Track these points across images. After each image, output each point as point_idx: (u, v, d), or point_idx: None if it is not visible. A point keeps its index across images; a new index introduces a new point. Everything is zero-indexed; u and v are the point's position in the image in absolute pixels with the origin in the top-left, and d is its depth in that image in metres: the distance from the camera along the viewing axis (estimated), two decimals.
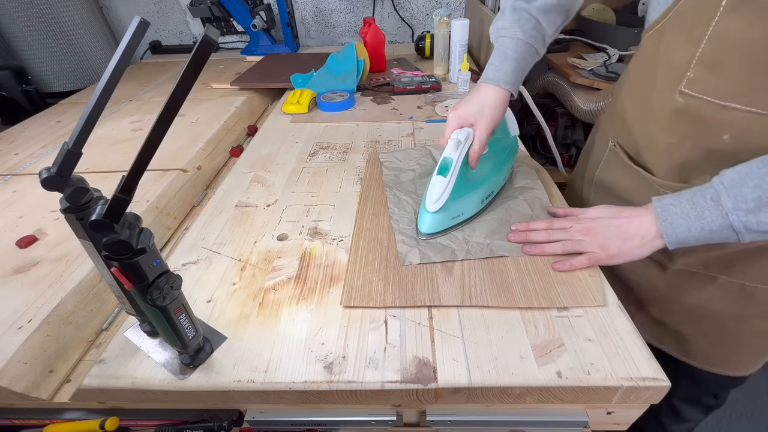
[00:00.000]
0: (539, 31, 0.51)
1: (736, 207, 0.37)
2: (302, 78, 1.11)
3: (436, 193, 0.51)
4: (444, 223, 0.54)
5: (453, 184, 0.51)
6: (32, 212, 0.63)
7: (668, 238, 0.42)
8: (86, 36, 1.33)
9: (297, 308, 0.47)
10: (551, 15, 0.51)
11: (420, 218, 0.54)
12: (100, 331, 0.50)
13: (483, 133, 0.52)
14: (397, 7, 1.52)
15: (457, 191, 0.52)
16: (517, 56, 0.51)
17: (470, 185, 0.56)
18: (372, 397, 0.40)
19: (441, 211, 0.52)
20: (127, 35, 0.28)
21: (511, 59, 0.51)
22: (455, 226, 0.55)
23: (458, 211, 0.54)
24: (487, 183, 0.58)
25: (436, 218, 0.53)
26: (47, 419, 0.45)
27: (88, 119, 0.29)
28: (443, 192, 0.51)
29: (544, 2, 0.50)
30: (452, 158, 0.51)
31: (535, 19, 0.50)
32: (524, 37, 0.51)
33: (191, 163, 0.76)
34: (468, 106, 0.53)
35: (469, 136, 0.52)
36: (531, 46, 0.52)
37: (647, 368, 0.38)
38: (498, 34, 0.53)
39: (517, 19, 0.51)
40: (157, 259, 0.32)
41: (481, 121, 0.52)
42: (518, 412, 0.43)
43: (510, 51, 0.51)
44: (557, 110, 1.42)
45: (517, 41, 0.51)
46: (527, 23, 0.51)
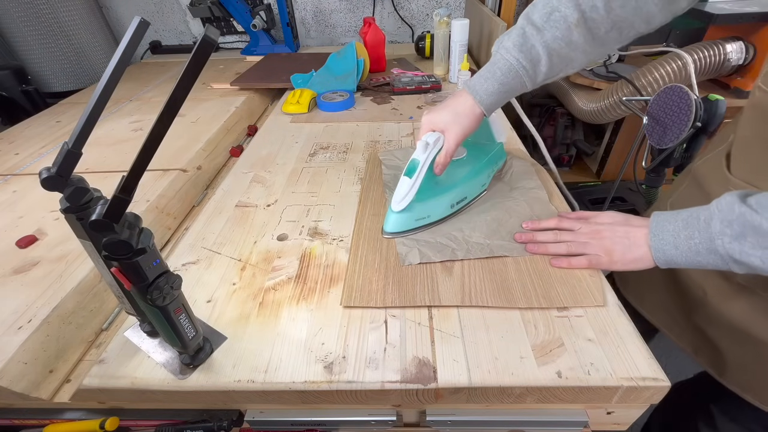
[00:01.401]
0: (534, 67, 0.49)
1: (721, 231, 0.37)
2: (302, 78, 1.11)
3: (401, 193, 0.52)
4: (407, 224, 0.54)
5: (418, 185, 0.51)
6: (32, 212, 0.63)
7: (655, 253, 0.42)
8: (86, 36, 1.33)
9: (297, 308, 0.47)
10: (555, 57, 0.48)
11: (386, 217, 0.55)
12: (100, 331, 0.50)
13: (450, 142, 0.52)
14: (397, 7, 1.52)
15: (424, 193, 0.52)
16: (504, 80, 0.50)
17: (439, 188, 0.56)
18: (372, 397, 0.40)
19: (405, 211, 0.53)
20: (127, 35, 0.28)
21: (497, 81, 0.50)
22: (420, 227, 0.55)
23: (423, 213, 0.55)
24: (459, 188, 0.58)
25: (399, 218, 0.53)
26: (47, 419, 0.45)
27: (88, 119, 0.29)
28: (408, 193, 0.51)
29: (552, 39, 0.47)
30: (419, 160, 0.51)
31: (537, 52, 0.48)
32: (517, 65, 0.49)
33: (191, 163, 0.76)
34: (442, 112, 0.53)
35: (439, 140, 0.52)
36: (520, 78, 0.49)
37: (647, 368, 0.38)
38: (498, 49, 0.51)
39: (521, 45, 0.48)
40: (157, 259, 0.32)
41: (451, 129, 0.52)
42: (518, 412, 0.43)
43: (499, 72, 0.50)
44: (557, 110, 1.42)
45: (510, 66, 0.49)
46: (528, 53, 0.48)
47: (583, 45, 0.47)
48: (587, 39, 0.47)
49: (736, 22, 0.98)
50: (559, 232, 0.52)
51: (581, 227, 0.50)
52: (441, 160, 0.53)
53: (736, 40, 0.99)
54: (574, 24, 0.46)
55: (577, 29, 0.46)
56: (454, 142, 0.52)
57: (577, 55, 0.48)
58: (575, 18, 0.45)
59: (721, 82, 1.09)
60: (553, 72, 0.50)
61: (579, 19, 0.45)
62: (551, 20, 0.46)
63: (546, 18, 0.47)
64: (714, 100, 0.64)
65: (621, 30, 0.46)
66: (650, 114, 0.73)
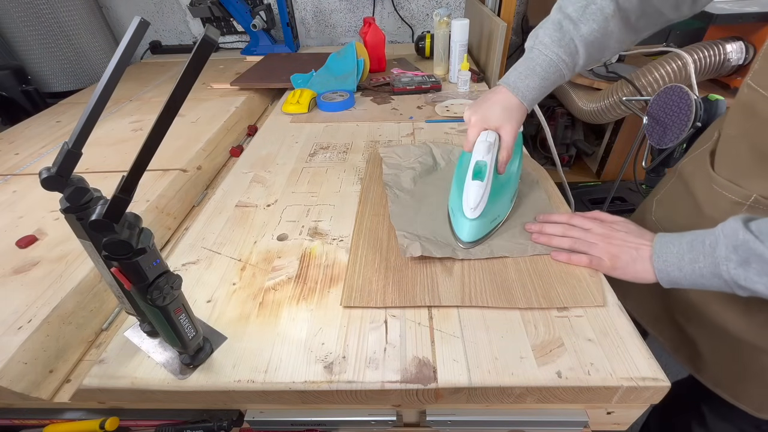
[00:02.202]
0: (573, 60, 0.49)
1: (727, 257, 0.37)
2: (302, 78, 1.11)
3: (474, 198, 0.49)
4: (485, 229, 0.52)
5: (490, 187, 0.50)
6: (32, 212, 0.63)
7: (659, 274, 0.43)
8: (86, 36, 1.33)
9: (297, 308, 0.46)
10: (591, 49, 0.49)
11: (459, 226, 0.52)
12: (100, 331, 0.50)
13: (510, 139, 0.51)
14: (397, 7, 1.52)
15: (492, 193, 0.51)
16: (545, 75, 0.50)
17: (500, 187, 0.54)
18: (372, 397, 0.40)
19: (481, 216, 0.50)
20: (127, 35, 0.28)
21: (538, 76, 0.50)
22: (493, 230, 0.54)
23: (495, 214, 0.53)
24: (513, 181, 0.57)
25: (476, 225, 0.51)
26: (47, 419, 0.45)
27: (88, 119, 0.29)
28: (482, 197, 0.49)
29: (589, 32, 0.47)
30: (486, 161, 0.49)
31: (575, 46, 0.48)
32: (557, 60, 0.49)
33: (191, 163, 0.76)
34: (492, 109, 0.51)
35: (497, 138, 0.51)
36: (560, 71, 0.50)
37: (647, 368, 0.38)
38: (535, 44, 0.51)
39: (559, 39, 0.48)
40: (157, 259, 0.32)
41: (507, 125, 0.51)
42: (518, 412, 0.43)
43: (539, 68, 0.50)
44: (557, 110, 1.42)
45: (550, 61, 0.49)
46: (567, 47, 0.48)
47: (618, 34, 0.48)
48: (621, 28, 0.48)
49: (736, 22, 0.98)
50: (568, 228, 0.52)
51: (593, 227, 0.50)
52: (504, 157, 0.52)
53: (736, 40, 0.99)
54: (611, 15, 0.46)
55: (613, 20, 0.46)
56: (512, 139, 0.51)
57: (611, 44, 0.49)
58: (611, 9, 0.46)
59: (721, 82, 1.09)
60: (590, 61, 0.50)
61: (615, 9, 0.46)
62: (588, 13, 0.47)
63: (582, 11, 0.47)
64: (714, 100, 0.64)
65: (650, 17, 0.48)
66: (650, 114, 0.73)
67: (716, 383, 0.53)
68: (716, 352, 0.52)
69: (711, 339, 0.52)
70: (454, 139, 0.81)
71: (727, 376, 0.52)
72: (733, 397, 0.51)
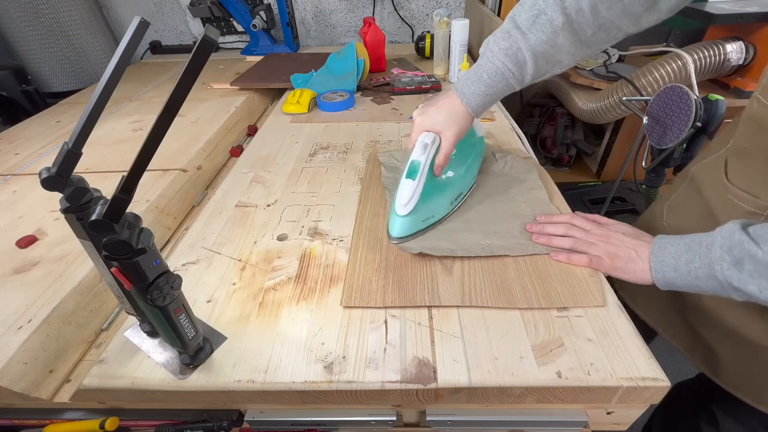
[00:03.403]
0: (521, 71, 0.49)
1: (721, 257, 0.37)
2: (302, 78, 1.11)
3: (406, 196, 0.51)
4: (415, 226, 0.53)
5: (422, 187, 0.51)
6: (32, 212, 0.63)
7: (656, 274, 0.43)
8: (86, 36, 1.33)
9: (297, 308, 0.47)
10: (540, 60, 0.48)
11: (391, 222, 0.54)
12: (100, 331, 0.50)
13: (449, 144, 0.52)
14: (397, 7, 1.52)
15: (426, 194, 0.52)
16: (490, 83, 0.50)
17: (439, 187, 0.56)
18: (372, 397, 0.40)
19: (411, 214, 0.52)
20: (127, 35, 0.28)
21: (483, 84, 0.50)
22: (426, 228, 0.55)
23: (428, 214, 0.55)
24: (456, 184, 0.59)
25: (406, 221, 0.52)
26: (47, 419, 0.45)
27: (88, 119, 0.29)
28: (412, 195, 0.51)
29: (537, 42, 0.47)
30: (420, 161, 0.51)
31: (523, 56, 0.48)
32: (503, 69, 0.49)
33: (191, 163, 0.76)
34: (437, 112, 0.53)
35: (435, 140, 0.52)
36: (507, 81, 0.50)
37: (647, 368, 0.38)
38: (485, 51, 0.51)
39: (506, 48, 0.48)
40: (157, 259, 0.32)
41: (448, 130, 0.52)
42: (518, 412, 0.43)
43: (485, 75, 0.50)
44: (557, 110, 1.42)
45: (496, 69, 0.49)
46: (514, 57, 0.48)
47: (569, 47, 0.47)
48: (573, 41, 0.47)
49: (736, 22, 0.98)
50: (569, 227, 0.52)
51: (593, 228, 0.51)
52: (440, 161, 0.53)
53: (736, 40, 0.99)
54: (560, 28, 0.45)
55: (562, 33, 0.46)
56: (451, 143, 0.52)
57: (563, 57, 0.48)
58: (561, 22, 0.45)
59: (721, 82, 1.09)
60: (539, 73, 0.50)
61: (564, 23, 0.45)
62: (537, 23, 0.46)
63: (532, 21, 0.46)
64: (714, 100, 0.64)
65: (608, 31, 0.46)
66: (650, 114, 0.73)
67: (736, 386, 0.52)
68: (735, 356, 0.51)
69: (728, 344, 0.51)
70: None
71: (746, 379, 0.51)
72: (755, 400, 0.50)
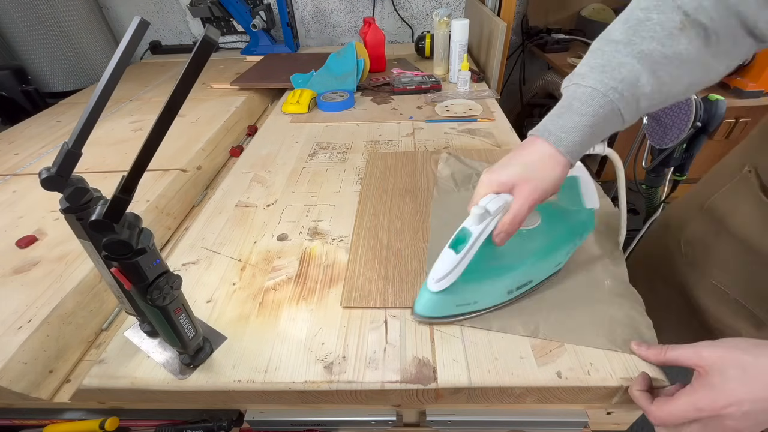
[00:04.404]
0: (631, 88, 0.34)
1: None
2: (302, 78, 1.11)
3: (442, 270, 0.40)
4: (446, 309, 0.43)
5: (467, 263, 0.39)
6: (32, 212, 0.63)
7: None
8: (86, 36, 1.33)
9: (297, 308, 0.46)
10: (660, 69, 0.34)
11: (419, 295, 0.44)
12: (100, 331, 0.50)
13: (524, 203, 0.37)
14: (397, 7, 1.52)
15: (473, 273, 0.40)
16: (586, 111, 0.35)
17: (496, 267, 0.43)
18: (372, 397, 0.40)
19: (445, 292, 0.41)
20: (127, 35, 0.28)
21: (575, 112, 0.36)
22: (462, 315, 0.43)
23: (469, 299, 0.43)
24: (524, 269, 0.44)
25: (436, 300, 0.42)
26: (47, 419, 0.45)
27: (88, 119, 0.29)
28: (451, 271, 0.39)
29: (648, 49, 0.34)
30: (472, 232, 0.39)
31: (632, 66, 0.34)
32: (603, 89, 0.34)
33: (191, 163, 0.76)
34: (510, 166, 0.38)
35: (505, 205, 0.38)
36: (611, 103, 0.34)
37: (647, 368, 0.38)
38: (570, 82, 0.38)
39: (602, 65, 0.35)
40: (157, 259, 0.32)
41: (524, 186, 0.37)
42: (518, 412, 0.43)
43: (577, 103, 0.36)
44: None
45: (593, 92, 0.35)
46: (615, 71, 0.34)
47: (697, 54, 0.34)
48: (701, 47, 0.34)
49: None
50: None
51: None
52: (505, 226, 0.38)
53: None
54: (678, 28, 0.33)
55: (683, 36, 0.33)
56: (527, 204, 0.37)
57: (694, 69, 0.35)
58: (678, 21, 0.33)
59: (721, 82, 1.09)
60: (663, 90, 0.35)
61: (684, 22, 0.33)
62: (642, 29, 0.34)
63: (633, 30, 0.35)
64: (714, 100, 0.64)
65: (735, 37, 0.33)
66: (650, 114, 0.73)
67: None
68: None
69: None
70: (454, 139, 0.81)
71: None
72: None
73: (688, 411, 0.32)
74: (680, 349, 0.35)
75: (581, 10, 1.48)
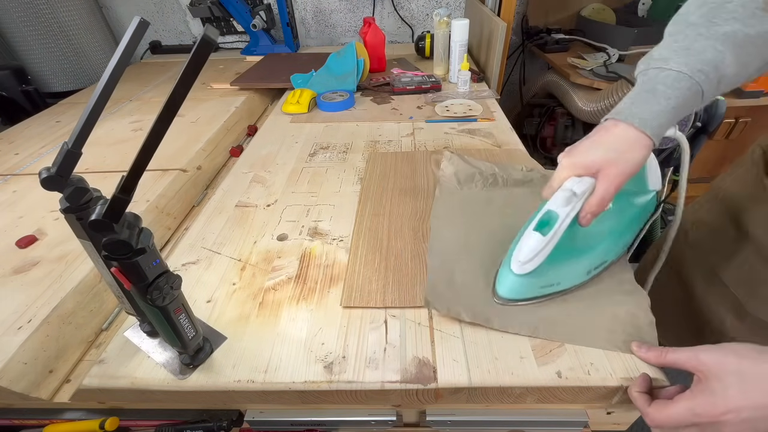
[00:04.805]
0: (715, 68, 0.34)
1: None
2: (302, 78, 1.11)
3: (529, 252, 0.40)
4: (531, 291, 0.43)
5: (553, 245, 0.40)
6: (32, 212, 0.63)
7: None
8: (86, 36, 1.33)
9: (297, 308, 0.46)
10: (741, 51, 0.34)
11: (500, 278, 0.44)
12: (100, 331, 0.50)
13: (610, 185, 0.37)
14: (397, 7, 1.52)
15: (557, 254, 0.41)
16: (671, 93, 0.35)
17: (576, 249, 0.43)
18: (372, 397, 0.40)
19: (530, 275, 0.41)
20: (126, 35, 0.28)
21: (660, 96, 0.36)
22: (545, 296, 0.44)
23: (553, 280, 0.43)
24: (601, 248, 0.45)
25: (521, 282, 0.42)
26: (47, 419, 0.45)
27: (88, 119, 0.29)
28: (538, 253, 0.40)
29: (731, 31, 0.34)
30: (559, 214, 0.39)
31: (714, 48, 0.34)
32: (688, 71, 0.34)
33: (191, 163, 0.76)
34: (592, 149, 0.38)
35: (589, 189, 0.38)
36: (695, 85, 0.35)
37: (647, 368, 0.38)
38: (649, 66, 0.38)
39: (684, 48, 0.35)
40: (157, 259, 0.32)
41: (611, 168, 0.37)
42: (518, 412, 0.43)
43: (661, 87, 0.36)
44: (557, 110, 1.42)
45: (678, 75, 0.35)
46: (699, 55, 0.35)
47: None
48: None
49: None
50: None
51: None
52: (593, 206, 0.38)
53: None
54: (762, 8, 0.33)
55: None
56: (613, 186, 0.37)
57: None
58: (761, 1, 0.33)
59: None
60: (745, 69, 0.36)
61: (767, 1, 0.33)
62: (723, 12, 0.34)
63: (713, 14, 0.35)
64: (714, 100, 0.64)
65: None
66: None
67: None
68: None
69: None
70: (453, 139, 0.81)
71: None
72: None
73: (686, 416, 0.32)
74: (680, 352, 0.35)
75: (581, 10, 1.48)
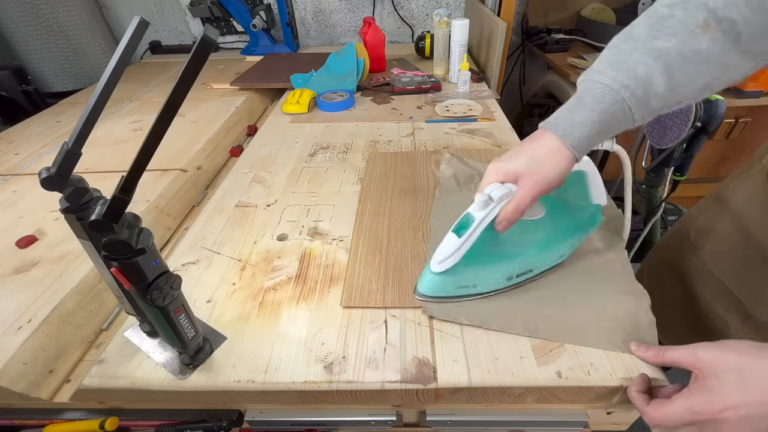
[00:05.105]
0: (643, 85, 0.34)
1: None
2: (302, 78, 1.11)
3: (444, 252, 0.42)
4: (447, 289, 0.44)
5: (468, 247, 0.41)
6: (32, 212, 0.63)
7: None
8: (86, 36, 1.33)
9: (297, 308, 0.46)
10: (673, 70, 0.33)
11: (421, 276, 0.46)
12: (100, 331, 0.50)
13: (526, 194, 0.38)
14: (397, 7, 1.52)
15: (475, 257, 0.42)
16: (596, 107, 0.35)
17: (497, 253, 0.45)
18: (372, 397, 0.40)
19: (446, 274, 0.43)
20: (126, 35, 0.28)
21: (586, 107, 0.36)
22: (462, 297, 0.45)
23: (469, 281, 0.44)
24: (524, 257, 0.45)
25: (437, 281, 0.43)
26: (47, 419, 0.45)
27: (88, 119, 0.29)
28: (453, 253, 0.41)
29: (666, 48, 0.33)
30: (475, 217, 0.40)
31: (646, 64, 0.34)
32: (615, 86, 0.34)
33: (191, 163, 0.76)
34: (517, 156, 0.39)
35: (509, 194, 0.39)
36: (621, 100, 0.34)
37: (647, 368, 0.38)
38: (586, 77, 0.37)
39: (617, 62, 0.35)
40: (157, 259, 0.32)
41: (528, 177, 0.38)
42: (518, 412, 0.43)
43: (589, 98, 0.36)
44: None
45: (605, 88, 0.35)
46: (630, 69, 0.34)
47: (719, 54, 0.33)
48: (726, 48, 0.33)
49: None
50: None
51: None
52: (508, 215, 0.39)
53: None
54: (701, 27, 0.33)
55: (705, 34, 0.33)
56: (529, 195, 0.38)
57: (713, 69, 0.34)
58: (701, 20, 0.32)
59: None
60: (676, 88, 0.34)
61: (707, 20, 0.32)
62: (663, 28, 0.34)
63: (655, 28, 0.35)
64: (714, 100, 0.64)
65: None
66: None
67: None
68: None
69: None
70: (453, 139, 0.81)
71: None
72: None
73: (684, 414, 0.32)
74: (678, 350, 0.35)
75: (581, 10, 1.48)
